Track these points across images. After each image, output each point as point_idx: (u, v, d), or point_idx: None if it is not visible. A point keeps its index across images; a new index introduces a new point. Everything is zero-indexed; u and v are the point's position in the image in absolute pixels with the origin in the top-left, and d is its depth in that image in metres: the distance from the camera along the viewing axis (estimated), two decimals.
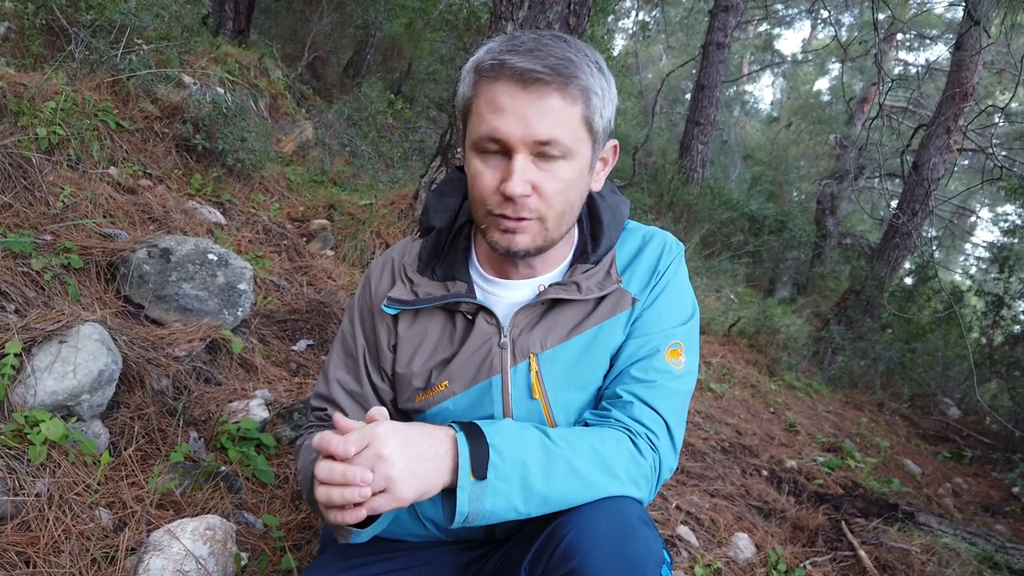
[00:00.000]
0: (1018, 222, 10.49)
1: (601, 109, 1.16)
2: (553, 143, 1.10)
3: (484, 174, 1.14)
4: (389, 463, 1.00)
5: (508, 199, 1.12)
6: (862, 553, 2.88)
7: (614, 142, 1.27)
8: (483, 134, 1.12)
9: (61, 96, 3.37)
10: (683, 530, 2.71)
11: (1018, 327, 8.86)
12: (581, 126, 1.14)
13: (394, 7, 9.17)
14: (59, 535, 1.59)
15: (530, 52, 1.09)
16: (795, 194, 16.76)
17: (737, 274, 9.70)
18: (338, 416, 1.06)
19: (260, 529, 1.92)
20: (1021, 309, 9.38)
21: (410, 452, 1.03)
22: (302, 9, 9.05)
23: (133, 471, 1.92)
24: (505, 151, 1.12)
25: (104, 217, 3.02)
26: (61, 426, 1.80)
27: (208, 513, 1.81)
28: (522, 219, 1.14)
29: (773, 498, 3.39)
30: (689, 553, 2.58)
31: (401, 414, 1.37)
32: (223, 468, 2.03)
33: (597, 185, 1.28)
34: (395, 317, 1.32)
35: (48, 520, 1.61)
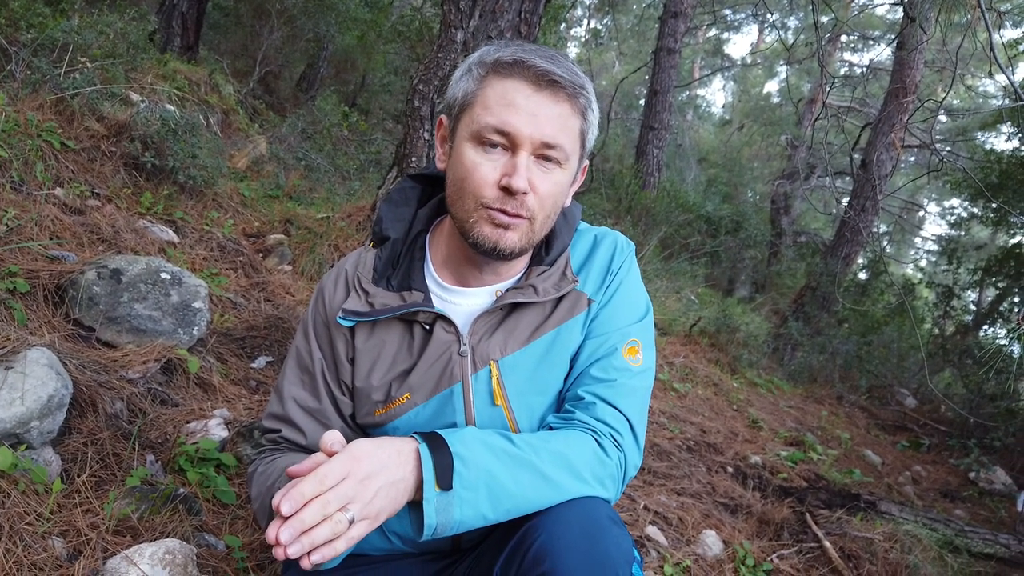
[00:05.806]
0: (964, 215, 10.84)
1: (592, 127, 1.22)
2: (557, 147, 1.14)
3: (483, 166, 1.15)
4: (368, 494, 1.00)
5: (508, 194, 1.14)
6: (827, 544, 2.92)
7: (586, 163, 1.30)
8: (490, 124, 1.13)
9: (1, 117, 3.27)
10: (652, 530, 2.72)
11: (968, 316, 9.14)
12: (578, 138, 1.19)
13: (346, 20, 9.11)
14: (10, 567, 1.53)
15: (547, 58, 1.14)
16: (750, 195, 17.06)
17: (696, 275, 9.82)
18: (292, 469, 1.01)
19: (222, 551, 1.88)
20: (971, 299, 9.68)
21: (387, 477, 1.02)
22: (252, 24, 8.94)
23: (87, 498, 1.86)
24: (509, 146, 1.14)
25: (51, 239, 2.94)
26: (9, 455, 1.74)
27: (167, 537, 1.76)
28: (517, 215, 1.15)
29: (739, 494, 3.43)
30: (658, 553, 2.59)
31: (360, 428, 1.35)
32: (182, 490, 1.98)
33: (568, 201, 1.29)
34: (352, 329, 1.30)
35: None
